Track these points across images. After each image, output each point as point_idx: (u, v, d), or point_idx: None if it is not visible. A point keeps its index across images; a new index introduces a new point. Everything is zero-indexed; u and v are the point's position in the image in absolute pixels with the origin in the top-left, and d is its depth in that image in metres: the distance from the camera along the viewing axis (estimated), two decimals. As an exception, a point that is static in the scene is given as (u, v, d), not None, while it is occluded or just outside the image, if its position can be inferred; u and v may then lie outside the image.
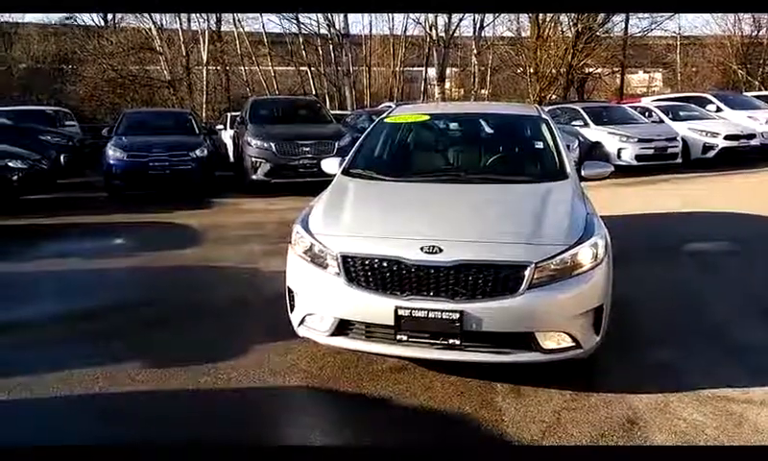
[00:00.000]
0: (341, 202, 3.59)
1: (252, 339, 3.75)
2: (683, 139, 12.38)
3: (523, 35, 26.37)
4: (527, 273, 2.91)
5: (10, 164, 8.40)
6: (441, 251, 2.94)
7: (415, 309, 2.91)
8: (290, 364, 3.44)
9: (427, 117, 4.73)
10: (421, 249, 2.95)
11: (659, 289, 4.76)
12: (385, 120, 4.75)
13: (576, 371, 3.28)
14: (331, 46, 25.66)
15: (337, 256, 3.09)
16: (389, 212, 3.44)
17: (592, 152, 12.42)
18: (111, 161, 9.56)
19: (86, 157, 11.98)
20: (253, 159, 9.84)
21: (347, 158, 4.32)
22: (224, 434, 2.75)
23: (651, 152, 11.87)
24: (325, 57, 26.45)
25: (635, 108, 14.34)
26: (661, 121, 13.41)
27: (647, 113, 14.08)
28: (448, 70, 32.99)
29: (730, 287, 4.83)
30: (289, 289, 3.36)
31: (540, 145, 4.26)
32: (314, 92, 26.72)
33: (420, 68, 28.40)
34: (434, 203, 3.52)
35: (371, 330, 3.07)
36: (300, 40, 26.11)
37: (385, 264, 2.99)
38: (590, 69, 26.35)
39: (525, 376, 3.21)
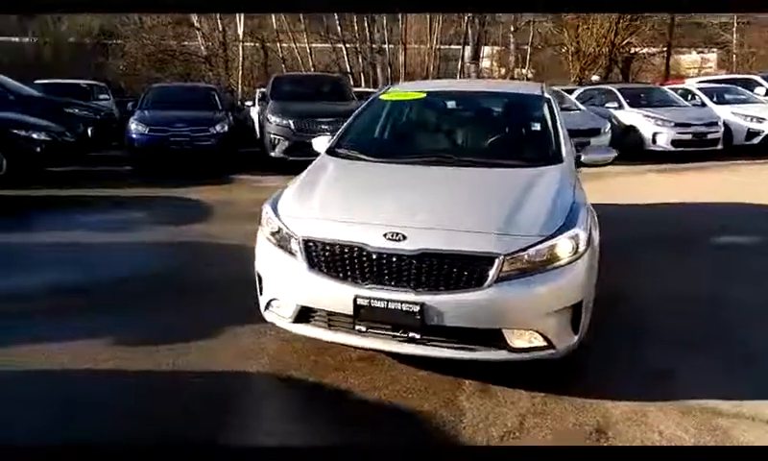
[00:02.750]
0: (314, 183, 3.45)
1: (228, 320, 3.68)
2: (725, 124, 11.68)
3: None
4: (495, 265, 2.71)
5: (33, 136, 8.55)
6: (404, 238, 2.77)
7: (374, 299, 2.76)
8: (258, 348, 3.35)
9: (424, 95, 4.51)
10: (384, 235, 2.79)
11: (638, 283, 4.46)
12: (380, 97, 4.56)
13: (555, 370, 3.08)
14: (366, 23, 25.30)
15: (300, 240, 2.96)
16: (360, 195, 3.28)
17: (626, 136, 11.89)
18: (134, 135, 9.68)
19: (116, 130, 12.15)
20: (272, 136, 9.79)
21: (334, 137, 4.17)
22: (162, 421, 2.67)
23: (689, 137, 11.25)
24: (361, 34, 26.14)
25: (676, 90, 13.62)
26: (704, 104, 12.67)
27: (689, 96, 13.35)
28: (489, 49, 32.28)
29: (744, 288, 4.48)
30: (257, 272, 3.25)
31: (537, 127, 4.00)
32: (349, 69, 26.52)
33: (457, 46, 27.76)
34: (410, 186, 3.33)
35: (332, 319, 2.94)
36: (335, 17, 25.84)
37: (347, 250, 2.84)
38: (636, 49, 25.23)
39: (497, 374, 3.02)
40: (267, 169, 9.81)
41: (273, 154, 9.80)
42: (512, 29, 24.49)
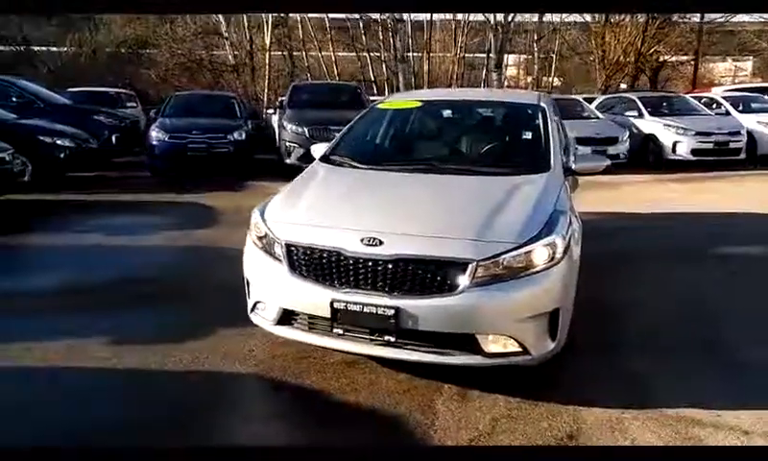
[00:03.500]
0: (302, 189, 3.54)
1: (220, 323, 3.76)
2: (749, 133, 11.43)
3: (589, 19, 25.02)
4: (468, 271, 2.75)
5: (58, 142, 8.88)
6: (381, 243, 2.83)
7: (350, 303, 2.82)
8: (246, 351, 3.44)
9: (419, 104, 4.57)
10: (362, 240, 2.85)
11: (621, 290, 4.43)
12: (377, 106, 4.64)
13: (535, 376, 3.09)
14: (390, 31, 25.49)
15: (282, 245, 3.04)
16: (343, 201, 3.35)
17: (646, 145, 11.73)
18: (153, 142, 9.96)
19: (140, 137, 12.49)
20: (287, 144, 9.95)
21: (330, 144, 4.26)
22: (143, 418, 2.77)
23: (710, 146, 11.03)
24: (386, 42, 26.34)
25: (699, 99, 13.37)
26: (727, 113, 12.41)
27: (714, 105, 13.10)
28: (515, 57, 32.13)
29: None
30: (245, 276, 3.35)
31: (528, 135, 4.02)
32: (373, 78, 26.73)
33: (482, 55, 27.72)
34: (392, 193, 3.40)
35: (312, 322, 3.01)
36: (361, 25, 26.11)
37: (325, 255, 2.91)
38: (664, 57, 24.77)
39: (477, 379, 3.06)
40: (282, 176, 9.89)
41: (288, 161, 9.95)
42: (535, 37, 24.31)
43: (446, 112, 4.56)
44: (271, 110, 14.63)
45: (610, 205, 7.80)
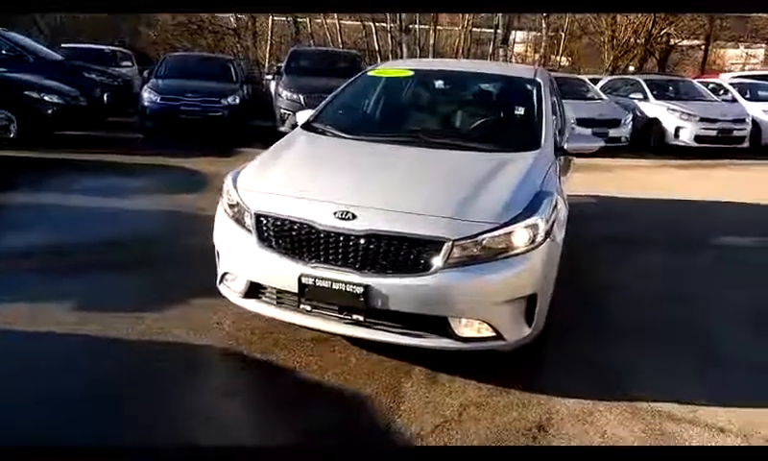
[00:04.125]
0: (278, 156, 3.39)
1: (192, 292, 3.64)
2: (754, 121, 11.20)
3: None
4: (443, 250, 2.61)
5: (45, 98, 8.66)
6: (354, 217, 2.68)
7: (319, 278, 2.69)
8: (215, 322, 3.33)
9: (411, 72, 4.38)
10: (334, 213, 2.71)
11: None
12: (368, 73, 4.46)
13: (513, 361, 2.99)
14: (396, 1, 24.89)
15: (252, 214, 2.90)
16: (319, 171, 3.19)
17: (649, 129, 11.51)
18: (145, 103, 9.73)
19: (133, 97, 12.24)
20: (282, 111, 9.74)
21: (314, 111, 4.09)
22: (97, 390, 2.66)
23: (714, 133, 10.82)
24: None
25: (707, 84, 13.09)
26: (734, 100, 12.16)
27: (721, 91, 12.83)
28: (524, 34, 31.55)
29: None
30: (215, 245, 3.21)
31: (520, 111, 3.85)
32: (377, 48, 26.25)
33: (489, 30, 27.20)
34: (372, 165, 3.24)
35: (280, 296, 2.88)
36: (366, -7, 25.52)
37: (296, 227, 2.77)
38: (675, 40, 24.31)
39: (449, 362, 2.94)
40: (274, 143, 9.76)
41: (281, 128, 9.73)
42: (543, 14, 23.78)
43: (438, 83, 4.38)
44: (270, 76, 14.34)
45: (604, 187, 7.64)
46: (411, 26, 23.68)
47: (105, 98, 10.93)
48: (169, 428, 2.45)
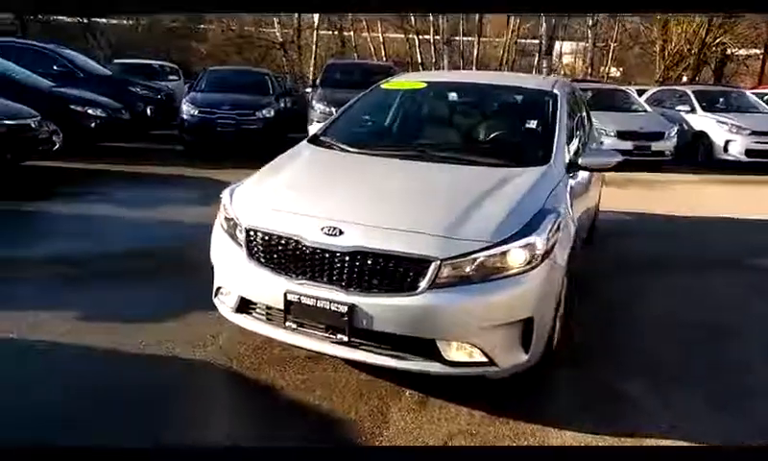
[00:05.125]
0: (276, 170, 3.35)
1: (194, 306, 3.59)
2: (812, 136, 10.50)
3: (651, 7, 23.64)
4: (430, 270, 2.50)
5: (89, 111, 9.01)
6: (341, 233, 2.61)
7: (303, 295, 2.62)
8: (211, 336, 3.29)
9: (424, 85, 4.29)
10: (322, 229, 2.64)
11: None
12: (381, 86, 4.39)
13: (514, 388, 2.83)
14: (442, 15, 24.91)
15: (243, 229, 2.87)
16: (311, 186, 3.14)
17: (695, 142, 11.00)
18: (184, 116, 10.00)
19: (176, 110, 12.61)
20: (315, 123, 9.77)
21: (323, 124, 4.05)
22: (82, 404, 2.66)
23: (766, 147, 10.19)
24: (435, 25, 25.81)
25: (761, 96, 12.42)
26: (791, 112, 11.47)
27: (778, 103, 12.14)
28: (572, 45, 30.92)
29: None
30: (211, 259, 3.19)
31: (531, 124, 3.68)
32: (420, 60, 26.29)
33: (535, 41, 26.78)
34: (367, 181, 3.15)
35: (270, 313, 2.83)
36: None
37: (283, 242, 2.72)
38: (731, 49, 23.27)
39: (446, 386, 2.81)
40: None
41: (314, 141, 9.80)
42: (589, 23, 23.24)
43: (451, 96, 4.26)
44: (309, 89, 14.51)
45: (644, 205, 7.32)
46: (452, 38, 23.57)
47: (148, 111, 11.30)
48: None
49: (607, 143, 10.27)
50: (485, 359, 2.57)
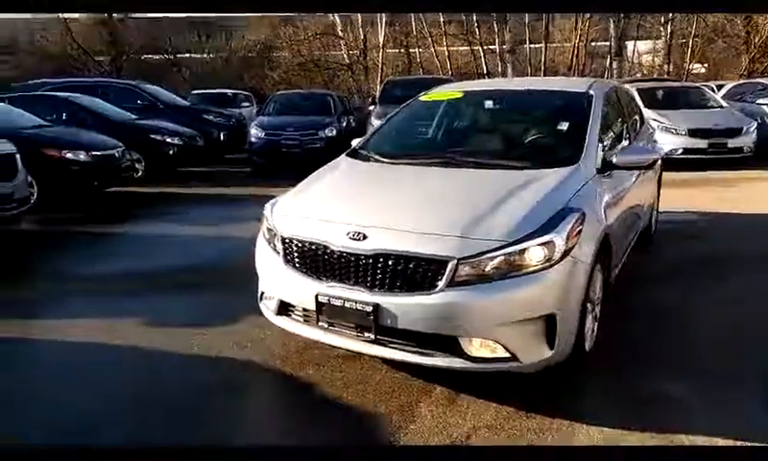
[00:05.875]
0: (312, 184, 3.58)
1: (248, 311, 3.87)
2: None
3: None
4: (447, 269, 2.61)
5: (167, 140, 9.78)
6: (365, 238, 2.77)
7: (333, 297, 2.80)
8: (259, 338, 3.54)
9: (460, 95, 4.40)
10: (347, 234, 2.82)
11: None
12: (420, 98, 4.55)
13: (551, 386, 2.88)
14: (500, 23, 24.81)
15: (280, 238, 3.10)
16: (342, 195, 3.32)
17: (778, 137, 10.31)
18: (252, 139, 10.61)
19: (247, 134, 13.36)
20: (373, 139, 10.06)
21: (363, 138, 4.25)
22: (135, 395, 2.97)
23: None
24: (500, 34, 25.69)
25: None
26: None
27: None
28: (647, 44, 29.67)
29: None
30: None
31: (563, 127, 3.69)
32: (486, 71, 26.18)
33: (605, 43, 25.98)
34: (395, 187, 3.30)
35: (307, 314, 3.03)
36: (474, 17, 25.69)
37: (314, 248, 2.92)
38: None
39: (476, 383, 2.89)
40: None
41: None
42: (662, 20, 22.26)
43: (487, 103, 4.34)
44: (372, 106, 14.90)
45: (715, 204, 7.01)
46: (515, 46, 23.33)
47: (221, 137, 12.06)
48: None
49: (677, 142, 9.90)
50: (507, 355, 2.64)
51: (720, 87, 13.77)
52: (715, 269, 4.80)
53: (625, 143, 4.16)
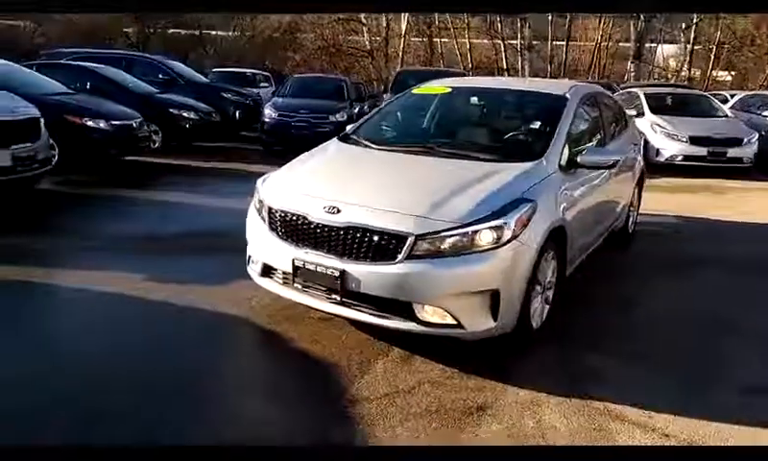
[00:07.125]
0: (304, 162, 3.96)
1: (241, 275, 4.28)
2: None
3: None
4: (406, 243, 2.98)
5: (184, 114, 10.23)
6: (339, 212, 3.15)
7: (307, 262, 3.19)
8: (249, 297, 3.94)
9: (449, 90, 4.75)
10: (323, 208, 3.20)
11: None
12: (412, 90, 4.90)
13: (496, 354, 3.26)
14: (521, 20, 24.85)
15: (266, 208, 3.49)
16: (326, 175, 3.70)
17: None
18: (265, 119, 11.01)
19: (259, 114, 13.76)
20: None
21: (356, 123, 4.62)
22: (129, 340, 3.40)
23: None
24: (522, 30, 25.74)
25: None
26: None
27: None
28: (670, 48, 29.50)
29: None
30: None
31: (535, 125, 4.04)
32: (505, 66, 26.31)
33: (627, 44, 25.93)
34: (374, 170, 3.68)
35: (285, 276, 3.43)
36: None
37: (295, 218, 3.31)
38: None
39: (432, 347, 3.26)
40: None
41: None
42: (683, 26, 22.18)
43: (472, 100, 4.68)
44: (387, 95, 15.22)
45: (704, 210, 7.32)
46: (533, 43, 23.41)
47: (237, 115, 12.48)
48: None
49: (678, 148, 10.11)
50: (455, 322, 3.02)
51: (734, 97, 13.87)
52: (685, 269, 5.10)
53: (583, 143, 4.44)
